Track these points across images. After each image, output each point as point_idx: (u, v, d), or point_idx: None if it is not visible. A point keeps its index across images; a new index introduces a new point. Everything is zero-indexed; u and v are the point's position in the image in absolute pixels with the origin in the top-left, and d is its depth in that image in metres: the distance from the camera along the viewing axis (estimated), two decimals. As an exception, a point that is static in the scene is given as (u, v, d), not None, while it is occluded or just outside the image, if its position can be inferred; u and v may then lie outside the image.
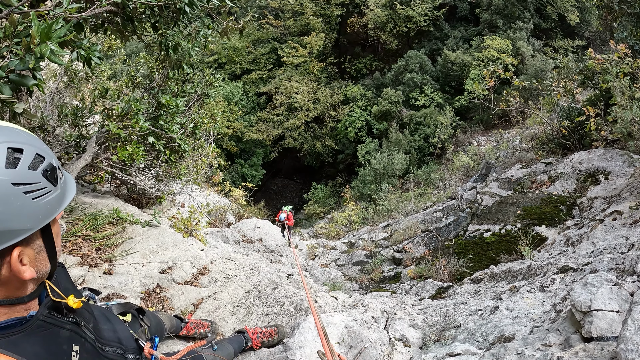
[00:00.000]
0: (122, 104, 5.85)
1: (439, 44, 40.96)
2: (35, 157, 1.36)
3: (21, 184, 1.31)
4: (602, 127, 9.65)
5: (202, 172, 10.67)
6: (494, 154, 19.76)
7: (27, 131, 1.43)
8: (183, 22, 4.73)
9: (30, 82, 2.43)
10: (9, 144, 1.32)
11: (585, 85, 12.19)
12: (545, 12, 38.58)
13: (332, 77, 43.75)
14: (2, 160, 1.29)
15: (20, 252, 1.37)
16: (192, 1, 3.85)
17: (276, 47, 42.61)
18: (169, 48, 5.46)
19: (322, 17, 42.55)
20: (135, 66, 8.13)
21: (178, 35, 5.49)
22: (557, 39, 38.20)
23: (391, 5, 40.31)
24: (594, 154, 9.63)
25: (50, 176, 1.40)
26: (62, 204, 1.47)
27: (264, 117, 40.05)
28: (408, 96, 36.86)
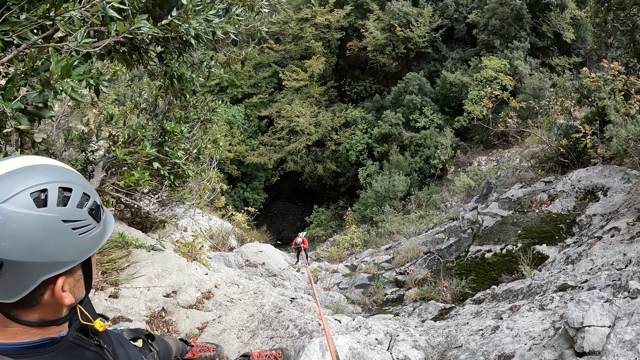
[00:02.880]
0: (128, 131, 5.99)
1: (437, 66, 41.40)
2: (82, 196, 1.50)
3: (70, 220, 1.45)
4: (598, 145, 9.76)
5: (205, 197, 10.77)
6: (494, 173, 19.87)
7: (74, 170, 1.58)
8: (188, 53, 4.89)
9: (47, 114, 2.56)
10: (59, 183, 1.47)
11: (582, 103, 12.36)
12: (541, 31, 39.07)
13: (333, 100, 44.13)
14: (54, 198, 1.43)
15: (64, 281, 1.51)
16: (198, 34, 4.00)
17: (277, 71, 43.07)
18: (174, 77, 5.62)
19: (322, 41, 43.10)
20: (139, 92, 8.30)
21: (182, 65, 5.66)
22: (553, 57, 38.63)
23: (390, 28, 40.89)
24: (592, 171, 9.73)
25: (95, 214, 1.54)
26: (103, 238, 1.61)
27: (265, 140, 40.32)
28: (408, 118, 37.12)
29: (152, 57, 5.13)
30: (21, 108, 2.42)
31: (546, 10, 38.81)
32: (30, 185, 1.41)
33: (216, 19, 4.25)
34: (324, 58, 42.48)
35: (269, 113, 41.03)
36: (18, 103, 2.39)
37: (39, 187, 1.41)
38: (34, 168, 1.48)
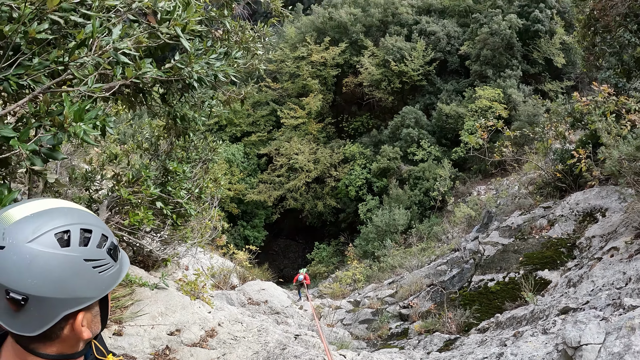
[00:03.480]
0: (132, 171, 6.11)
1: (432, 98, 41.98)
2: (101, 237, 1.62)
3: (91, 260, 1.57)
4: (593, 168, 9.88)
5: (207, 235, 10.82)
6: (494, 202, 19.92)
7: (92, 213, 1.69)
8: (190, 94, 5.04)
9: (59, 156, 2.68)
10: (80, 225, 1.58)
11: (576, 127, 12.53)
12: (532, 58, 39.78)
13: (331, 136, 44.55)
14: (76, 239, 1.54)
15: (83, 316, 1.61)
16: (201, 78, 4.15)
17: (275, 109, 43.61)
18: (177, 117, 5.77)
19: (318, 79, 43.78)
20: (141, 132, 8.46)
21: (185, 105, 5.82)
22: (546, 83, 39.26)
23: (384, 63, 41.65)
24: (589, 194, 9.82)
25: (113, 253, 1.66)
26: (120, 276, 1.72)
27: (265, 178, 40.52)
28: (406, 152, 37.41)
29: (155, 98, 5.28)
30: (35, 150, 2.54)
31: (536, 38, 39.63)
32: (55, 226, 1.53)
33: (217, 63, 4.41)
34: (321, 95, 43.09)
35: (267, 151, 41.37)
36: (33, 145, 2.51)
37: (62, 229, 1.53)
38: (57, 210, 1.60)
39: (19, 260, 1.46)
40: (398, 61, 40.84)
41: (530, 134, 14.80)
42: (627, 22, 11.21)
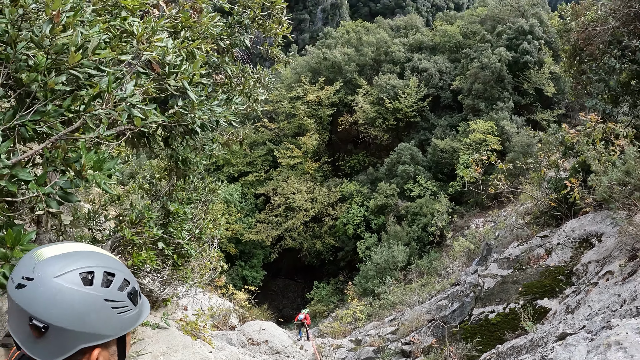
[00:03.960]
0: (135, 212, 6.23)
1: (427, 134, 42.54)
2: (123, 282, 1.79)
3: (111, 300, 1.73)
4: (586, 195, 10.04)
5: (207, 276, 10.86)
6: (492, 234, 19.97)
7: (118, 260, 1.87)
8: (192, 139, 5.22)
9: (74, 200, 2.83)
10: (105, 268, 1.76)
11: (568, 155, 12.75)
12: (523, 89, 40.59)
13: (328, 175, 44.87)
14: (99, 280, 1.72)
15: (99, 353, 1.74)
16: (203, 123, 4.34)
17: (272, 149, 44.05)
18: (179, 160, 5.94)
19: (314, 118, 44.39)
20: (142, 173, 8.61)
21: (186, 149, 6.00)
22: (537, 112, 39.93)
23: (379, 101, 42.38)
24: (584, 220, 9.95)
25: (133, 298, 1.82)
26: (139, 320, 1.86)
27: (262, 218, 40.59)
28: (402, 188, 37.66)
29: (158, 141, 5.45)
30: (52, 193, 2.69)
31: (525, 69, 40.51)
32: (81, 267, 1.71)
33: (219, 109, 4.61)
34: (317, 134, 43.62)
35: (265, 191, 41.58)
36: (50, 188, 2.66)
37: (87, 269, 1.71)
38: (85, 253, 1.78)
39: (44, 292, 1.63)
40: (392, 98, 41.59)
41: (523, 166, 15.06)
42: (611, 49, 11.57)
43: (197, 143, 6.40)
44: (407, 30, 53.82)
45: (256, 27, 6.59)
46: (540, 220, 12.61)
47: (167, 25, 4.36)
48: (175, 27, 4.76)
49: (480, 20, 48.55)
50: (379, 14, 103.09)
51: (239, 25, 6.43)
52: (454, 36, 48.25)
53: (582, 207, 10.43)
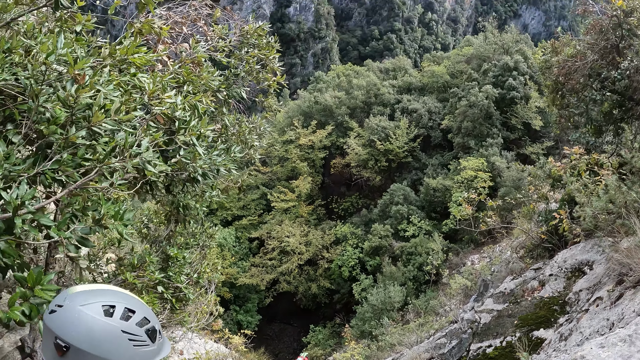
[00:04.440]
0: (137, 256, 6.39)
1: (419, 174, 42.95)
2: (142, 319, 2.04)
3: (128, 333, 1.98)
4: (573, 226, 10.26)
5: (203, 320, 10.89)
6: (488, 270, 19.99)
7: (140, 300, 2.15)
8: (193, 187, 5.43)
9: (90, 245, 3.03)
10: (126, 304, 2.03)
11: (556, 187, 13.02)
12: (511, 124, 41.24)
13: (321, 218, 44.99)
14: (119, 314, 1.98)
15: None
16: (205, 173, 4.60)
17: (265, 193, 44.23)
18: (180, 207, 6.16)
19: (307, 161, 44.79)
20: (141, 218, 8.77)
21: (187, 195, 6.22)
22: (527, 146, 40.48)
23: (370, 143, 42.94)
24: (575, 250, 10.12)
25: (151, 335, 2.05)
26: (156, 357, 2.07)
27: (256, 262, 40.42)
28: (397, 228, 37.76)
29: (159, 188, 5.66)
30: (70, 237, 2.88)
31: (512, 104, 41.28)
32: (104, 300, 1.99)
33: (219, 158, 4.88)
34: (310, 178, 43.94)
35: (259, 234, 41.55)
36: (70, 234, 2.85)
37: (110, 303, 1.99)
38: (111, 291, 2.08)
39: (69, 317, 1.91)
40: (383, 140, 42.18)
41: (513, 201, 15.35)
42: (591, 81, 12.01)
43: (198, 190, 6.61)
44: (396, 72, 55.03)
45: (252, 79, 6.96)
46: (533, 253, 12.78)
47: (172, 81, 4.66)
48: (178, 81, 5.06)
49: (466, 60, 49.71)
50: (368, 57, 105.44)
51: (236, 78, 6.79)
52: (442, 76, 49.32)
53: (572, 238, 10.64)
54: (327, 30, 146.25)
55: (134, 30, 4.29)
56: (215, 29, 6.47)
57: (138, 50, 3.88)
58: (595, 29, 12.12)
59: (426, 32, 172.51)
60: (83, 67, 2.87)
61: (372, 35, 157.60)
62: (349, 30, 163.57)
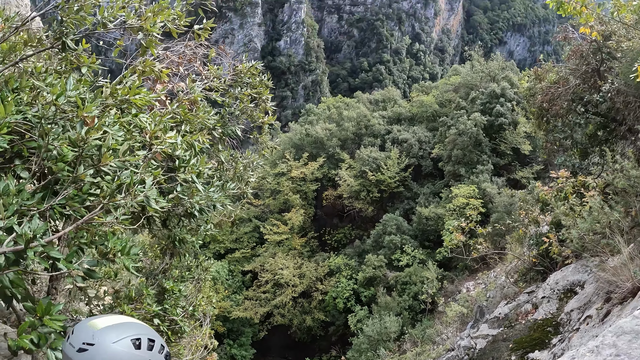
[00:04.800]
0: (133, 288, 6.48)
1: (411, 203, 43.16)
2: (160, 346, 2.39)
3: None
4: (562, 249, 10.45)
5: (198, 354, 10.88)
6: (484, 296, 20.04)
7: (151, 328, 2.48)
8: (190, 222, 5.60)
9: (96, 276, 3.19)
10: (147, 335, 2.37)
11: (545, 211, 13.23)
12: (500, 150, 41.75)
13: (315, 250, 44.95)
14: (144, 345, 2.31)
15: None
16: (202, 209, 4.80)
17: (258, 225, 44.23)
18: (176, 241, 6.30)
19: (299, 194, 44.97)
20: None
21: (183, 229, 6.38)
22: (516, 171, 40.89)
23: (362, 174, 43.24)
24: (566, 271, 10.28)
25: (168, 358, 2.42)
26: None
27: (250, 295, 40.15)
28: (390, 259, 37.76)
29: (156, 223, 5.81)
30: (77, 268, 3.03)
31: (501, 131, 41.86)
32: (131, 334, 2.30)
33: (215, 195, 5.07)
34: (303, 210, 44.05)
35: (252, 267, 41.40)
36: (77, 266, 3.01)
37: (135, 337, 2.30)
38: (131, 324, 2.39)
39: (105, 355, 2.19)
40: (375, 171, 42.51)
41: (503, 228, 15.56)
42: (574, 106, 12.37)
43: (193, 224, 6.76)
44: (385, 103, 55.83)
45: (245, 117, 7.23)
46: (526, 276, 12.92)
47: (170, 120, 4.88)
48: (176, 120, 5.28)
49: (454, 89, 50.60)
50: (358, 89, 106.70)
51: (230, 116, 7.05)
52: (431, 105, 50.10)
53: (563, 260, 10.81)
54: (317, 63, 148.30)
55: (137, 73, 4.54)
56: (210, 69, 6.73)
57: (139, 91, 4.11)
58: (576, 55, 12.55)
59: (414, 62, 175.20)
60: (91, 111, 3.08)
61: (361, 67, 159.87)
62: (339, 62, 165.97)
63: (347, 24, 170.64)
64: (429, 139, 46.63)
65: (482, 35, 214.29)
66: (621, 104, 10.88)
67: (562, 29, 14.33)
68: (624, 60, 10.47)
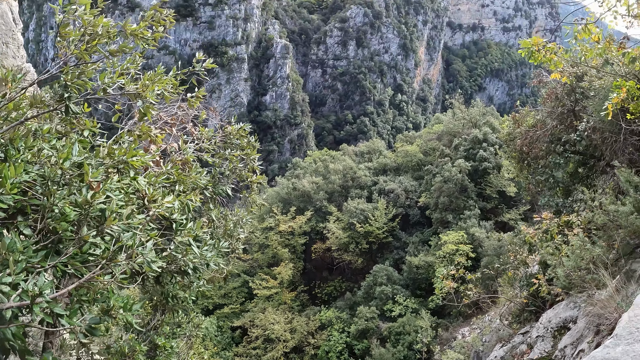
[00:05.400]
0: (125, 344, 6.46)
1: (400, 253, 43.16)
2: None
3: None
4: (551, 288, 10.56)
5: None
6: (479, 341, 19.83)
7: None
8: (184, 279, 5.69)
9: (99, 334, 3.29)
10: None
11: (533, 251, 13.39)
12: (486, 194, 42.17)
13: (305, 304, 44.44)
14: None
15: None
16: (196, 267, 4.93)
17: (247, 280, 43.77)
18: (169, 297, 6.37)
19: (287, 247, 44.83)
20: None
21: (176, 286, 6.45)
22: (504, 214, 41.18)
23: (350, 226, 43.33)
24: (558, 308, 10.34)
25: None
26: None
27: (240, 352, 39.28)
28: (382, 309, 37.42)
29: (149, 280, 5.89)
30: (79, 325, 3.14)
31: (485, 175, 42.43)
32: None
33: (209, 253, 5.21)
34: (292, 264, 43.80)
35: (242, 323, 40.67)
36: (80, 322, 3.11)
37: None
38: None
39: None
40: (362, 222, 42.66)
41: (492, 272, 15.67)
42: (553, 146, 12.75)
43: (186, 281, 6.84)
44: (371, 155, 56.65)
45: (235, 177, 7.47)
46: (520, 317, 12.94)
47: (165, 181, 5.09)
48: (170, 180, 5.48)
49: (437, 137, 51.56)
50: (343, 141, 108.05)
51: (221, 176, 7.31)
52: (415, 155, 50.89)
53: (554, 298, 10.89)
54: (302, 117, 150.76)
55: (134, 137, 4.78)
56: (201, 131, 7.03)
57: (136, 152, 4.31)
58: (551, 97, 13.07)
59: (397, 113, 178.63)
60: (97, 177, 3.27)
61: (346, 120, 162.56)
62: (324, 115, 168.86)
63: (330, 77, 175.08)
64: (415, 188, 47.15)
65: (462, 83, 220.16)
66: (598, 141, 11.28)
67: (537, 73, 14.95)
68: (597, 98, 10.94)
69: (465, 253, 34.82)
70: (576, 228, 10.72)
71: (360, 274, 43.57)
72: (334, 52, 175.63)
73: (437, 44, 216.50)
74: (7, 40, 5.43)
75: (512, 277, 13.71)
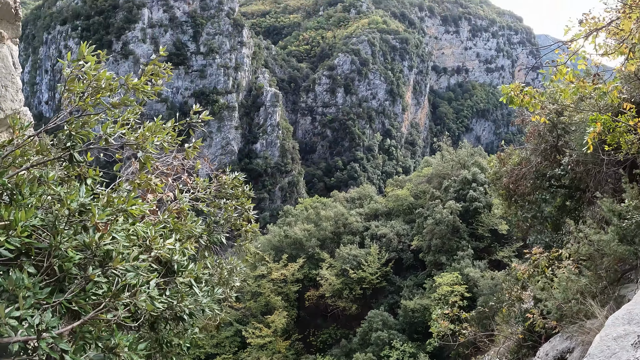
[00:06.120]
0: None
1: (395, 297, 42.86)
2: None
3: None
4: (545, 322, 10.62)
5: None
6: (481, 384, 19.52)
7: None
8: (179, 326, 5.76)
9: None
10: None
11: (526, 287, 13.46)
12: (478, 234, 42.31)
13: (300, 352, 43.66)
14: None
15: None
16: (192, 312, 5.05)
17: (239, 329, 43.06)
18: (163, 343, 6.38)
19: (280, 295, 44.37)
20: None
21: (171, 332, 6.48)
22: (497, 252, 41.18)
23: (343, 272, 43.12)
24: (554, 341, 10.35)
25: None
26: None
27: (235, 406, 38.22)
28: (379, 356, 36.86)
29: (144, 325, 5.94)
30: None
31: (477, 214, 42.71)
32: None
33: (204, 300, 5.34)
34: (285, 312, 43.27)
35: (234, 374, 39.73)
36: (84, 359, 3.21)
37: None
38: None
39: None
40: (355, 268, 42.53)
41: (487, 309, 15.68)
42: (538, 182, 13.04)
43: (181, 327, 6.87)
44: (362, 200, 56.92)
45: (230, 226, 7.66)
46: (518, 354, 12.89)
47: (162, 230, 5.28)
48: (167, 229, 5.65)
49: (427, 180, 52.12)
50: (334, 188, 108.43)
51: (216, 224, 7.48)
52: (406, 199, 51.20)
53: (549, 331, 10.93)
54: (293, 164, 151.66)
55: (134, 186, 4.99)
56: (197, 181, 7.27)
57: (135, 201, 4.51)
58: (534, 135, 13.49)
59: (387, 157, 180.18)
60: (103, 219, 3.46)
61: (336, 166, 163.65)
62: (314, 162, 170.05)
63: (320, 124, 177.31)
64: (407, 232, 47.27)
65: (449, 125, 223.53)
66: (582, 173, 11.62)
67: (519, 112, 15.45)
68: (577, 132, 11.34)
69: (460, 293, 34.67)
70: (566, 260, 10.91)
71: (355, 320, 43.06)
72: (322, 100, 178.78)
73: (423, 88, 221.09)
74: (6, 83, 5.60)
75: (507, 314, 13.76)
